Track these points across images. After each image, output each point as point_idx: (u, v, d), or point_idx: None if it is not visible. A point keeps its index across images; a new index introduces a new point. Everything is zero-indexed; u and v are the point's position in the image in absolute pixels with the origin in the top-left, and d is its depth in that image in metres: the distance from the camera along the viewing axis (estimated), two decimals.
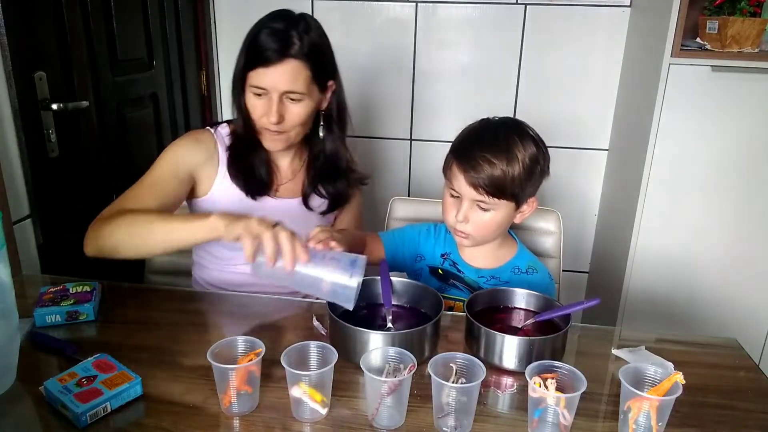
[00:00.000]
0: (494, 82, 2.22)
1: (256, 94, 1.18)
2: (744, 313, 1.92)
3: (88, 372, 0.85)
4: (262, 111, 1.19)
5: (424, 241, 1.30)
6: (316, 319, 1.09)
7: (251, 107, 1.20)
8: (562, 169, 2.26)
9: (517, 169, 1.10)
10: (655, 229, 1.88)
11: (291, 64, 1.15)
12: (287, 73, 1.15)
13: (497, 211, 1.14)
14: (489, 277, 1.23)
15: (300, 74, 1.16)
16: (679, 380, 0.78)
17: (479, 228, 1.16)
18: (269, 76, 1.15)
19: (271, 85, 1.16)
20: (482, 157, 1.10)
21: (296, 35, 1.15)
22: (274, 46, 1.14)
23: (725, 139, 1.79)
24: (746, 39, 1.71)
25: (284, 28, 1.15)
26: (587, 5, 2.08)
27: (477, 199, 1.13)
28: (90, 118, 1.67)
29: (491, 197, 1.11)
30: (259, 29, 1.16)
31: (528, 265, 1.25)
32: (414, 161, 2.37)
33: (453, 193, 1.17)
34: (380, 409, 0.81)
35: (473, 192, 1.12)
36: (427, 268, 1.29)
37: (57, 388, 0.82)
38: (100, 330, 1.06)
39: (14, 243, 1.37)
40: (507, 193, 1.12)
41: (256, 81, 1.16)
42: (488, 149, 1.11)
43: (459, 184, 1.14)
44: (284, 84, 1.16)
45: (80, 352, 0.94)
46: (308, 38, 1.17)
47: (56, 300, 1.06)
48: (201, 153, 1.27)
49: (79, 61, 1.61)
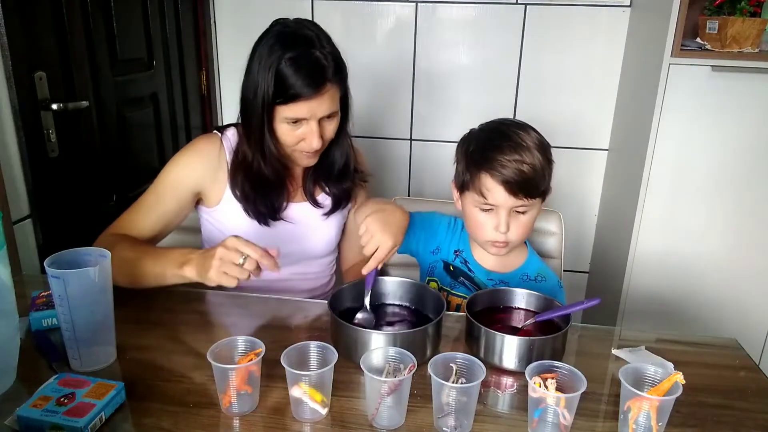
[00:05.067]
0: (494, 82, 2.22)
1: (292, 123, 1.14)
2: (744, 313, 1.93)
3: (60, 392, 0.81)
4: (300, 137, 1.16)
5: (443, 234, 1.30)
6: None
7: (285, 135, 1.16)
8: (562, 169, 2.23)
9: (538, 159, 1.11)
10: (655, 229, 1.88)
11: (327, 89, 1.12)
12: (326, 99, 1.13)
13: (532, 211, 1.16)
14: (498, 281, 1.24)
15: (336, 94, 1.15)
16: (679, 380, 0.78)
17: (520, 232, 1.16)
18: (308, 107, 1.12)
19: (311, 114, 1.13)
20: (510, 160, 1.09)
21: (323, 57, 1.11)
22: (308, 79, 1.10)
23: (725, 139, 1.79)
24: (746, 39, 1.71)
25: (309, 55, 1.10)
26: (587, 5, 2.09)
27: (516, 205, 1.12)
28: (90, 118, 1.66)
29: (529, 198, 1.12)
30: (278, 61, 1.10)
31: (537, 273, 1.25)
32: (414, 161, 2.37)
33: (485, 207, 1.15)
34: (380, 409, 0.81)
35: (512, 199, 1.11)
36: (442, 262, 1.29)
37: (36, 414, 0.77)
38: None
39: (14, 243, 1.37)
40: (540, 190, 1.13)
41: (293, 113, 1.12)
42: (510, 150, 1.10)
43: (496, 195, 1.12)
44: (324, 110, 1.13)
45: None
46: (330, 53, 1.13)
47: (50, 303, 1.03)
48: (205, 169, 1.24)
49: (79, 61, 1.61)
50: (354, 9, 2.20)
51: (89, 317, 0.90)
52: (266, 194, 1.25)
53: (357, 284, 1.10)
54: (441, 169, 2.30)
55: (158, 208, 1.23)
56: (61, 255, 0.91)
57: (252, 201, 1.24)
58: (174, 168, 1.24)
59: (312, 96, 1.10)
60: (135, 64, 1.89)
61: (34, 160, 1.46)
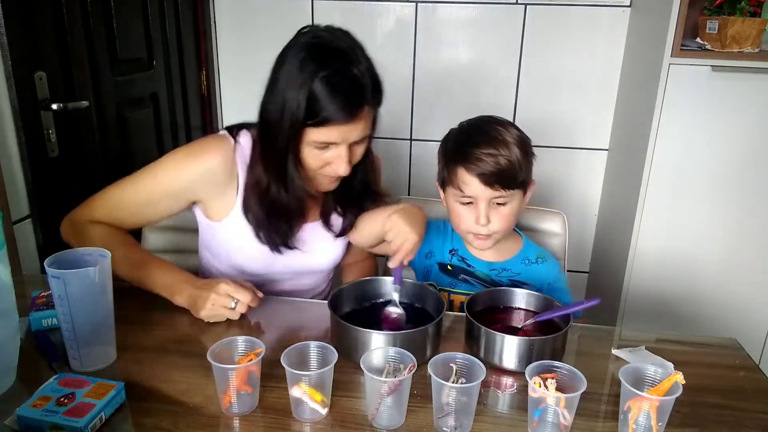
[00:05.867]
0: (494, 82, 2.22)
1: (319, 147, 1.04)
2: (744, 313, 1.93)
3: (60, 392, 0.82)
4: (326, 162, 1.06)
5: (433, 238, 1.30)
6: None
7: (310, 159, 1.06)
8: (562, 169, 2.26)
9: (515, 152, 1.13)
10: (655, 229, 1.88)
11: (364, 113, 1.02)
12: (361, 124, 1.03)
13: (512, 202, 1.17)
14: (500, 269, 1.25)
15: (370, 116, 1.05)
16: (679, 380, 0.78)
17: (501, 224, 1.17)
18: (340, 132, 1.02)
19: (343, 139, 1.03)
20: (486, 154, 1.12)
21: (360, 75, 1.01)
22: (345, 102, 0.99)
23: (725, 139, 1.79)
24: (746, 39, 1.71)
25: (347, 73, 1.00)
26: (587, 5, 2.09)
27: (494, 196, 1.14)
28: (90, 118, 1.67)
29: (506, 189, 1.13)
30: (311, 79, 0.98)
31: (537, 255, 1.28)
32: (414, 161, 2.37)
33: (464, 200, 1.17)
34: (380, 409, 0.81)
35: (489, 191, 1.13)
36: (437, 264, 1.29)
37: (36, 414, 0.77)
38: None
39: (14, 243, 1.37)
40: (518, 181, 1.15)
41: (323, 137, 1.02)
42: (486, 145, 1.13)
43: (472, 188, 1.14)
44: (357, 135, 1.04)
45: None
46: (368, 70, 1.03)
47: (50, 303, 1.03)
48: (213, 181, 1.12)
49: (79, 61, 1.61)
50: (354, 9, 2.20)
51: (89, 317, 0.90)
52: (282, 221, 1.15)
53: (357, 284, 1.11)
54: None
55: (147, 211, 1.15)
56: (61, 255, 0.91)
57: (265, 228, 1.15)
58: (175, 171, 1.12)
59: (347, 121, 1.00)
60: (135, 64, 1.89)
61: (34, 160, 1.46)
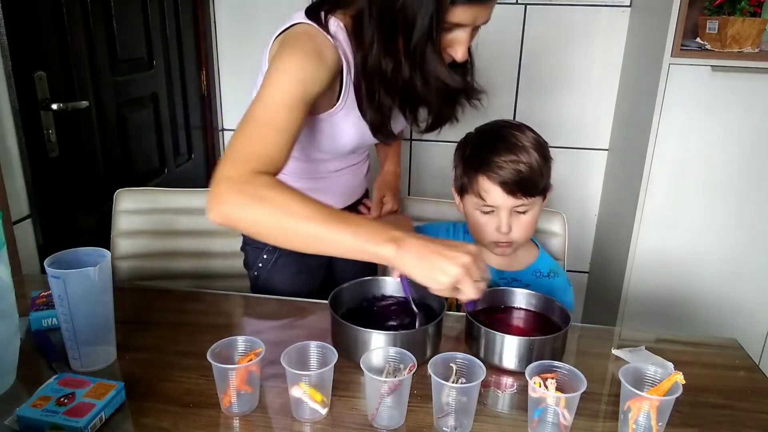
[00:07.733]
0: (494, 82, 2.22)
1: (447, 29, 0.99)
2: (744, 313, 1.93)
3: (60, 392, 0.82)
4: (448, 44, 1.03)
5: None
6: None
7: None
8: (562, 169, 2.25)
9: (534, 156, 1.12)
10: (655, 229, 1.88)
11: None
12: (491, 5, 1.03)
13: (534, 210, 1.16)
14: (510, 279, 1.24)
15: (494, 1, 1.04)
16: (679, 380, 0.78)
17: (522, 232, 1.16)
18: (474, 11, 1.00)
19: (474, 19, 1.02)
20: (507, 161, 1.10)
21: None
22: None
23: (725, 139, 1.79)
24: (746, 39, 1.71)
25: None
26: (587, 5, 2.09)
27: (515, 204, 1.13)
28: (90, 118, 1.66)
29: (528, 197, 1.12)
30: None
31: (549, 269, 1.26)
32: (414, 161, 2.37)
33: (485, 209, 1.16)
34: (380, 409, 0.81)
35: (511, 199, 1.12)
36: None
37: (36, 414, 0.77)
38: None
39: (14, 243, 1.37)
40: (539, 188, 1.14)
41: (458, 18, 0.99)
42: (506, 151, 1.11)
43: (493, 196, 1.13)
44: (485, 17, 1.04)
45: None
46: None
47: (50, 303, 1.03)
48: (328, 73, 1.01)
49: (79, 61, 1.61)
50: None
51: (89, 317, 0.90)
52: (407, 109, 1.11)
53: (357, 284, 1.10)
54: (441, 169, 2.29)
55: (292, 129, 0.95)
56: (61, 255, 0.91)
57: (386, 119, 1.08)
58: (302, 69, 0.97)
59: (483, 1, 0.98)
60: (135, 64, 1.89)
61: (34, 160, 1.46)
